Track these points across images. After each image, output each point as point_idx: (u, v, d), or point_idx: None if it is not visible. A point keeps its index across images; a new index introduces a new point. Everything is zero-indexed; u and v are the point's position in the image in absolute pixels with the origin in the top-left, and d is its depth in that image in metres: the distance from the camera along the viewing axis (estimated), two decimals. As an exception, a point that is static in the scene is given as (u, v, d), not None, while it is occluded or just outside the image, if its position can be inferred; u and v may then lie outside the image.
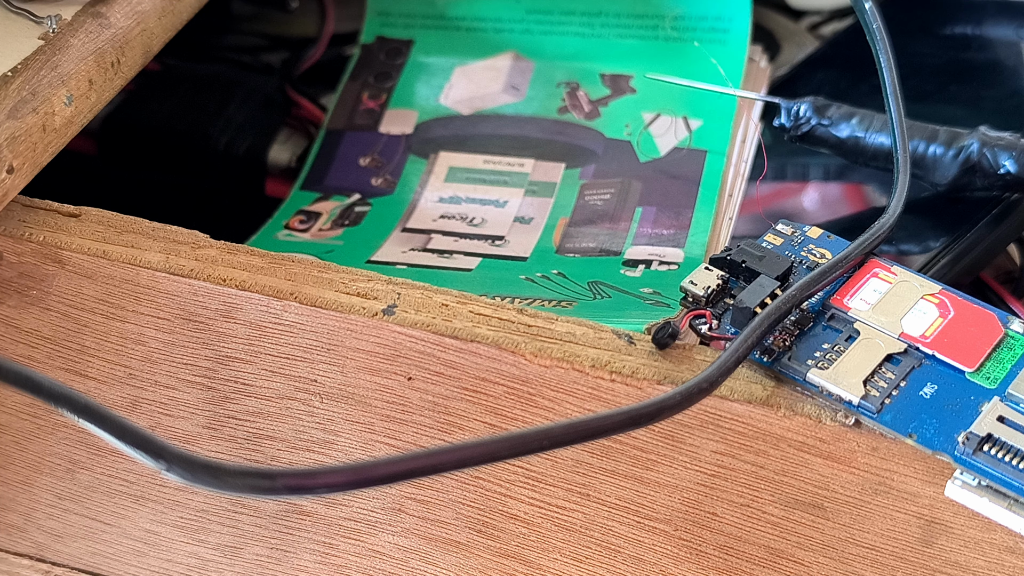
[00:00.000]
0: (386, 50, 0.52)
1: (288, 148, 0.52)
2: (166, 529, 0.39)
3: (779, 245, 0.34)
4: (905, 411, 0.30)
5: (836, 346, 0.31)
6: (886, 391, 0.30)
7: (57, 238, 0.34)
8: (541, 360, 0.32)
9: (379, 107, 0.50)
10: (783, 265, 0.33)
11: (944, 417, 0.30)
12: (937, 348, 0.31)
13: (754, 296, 0.32)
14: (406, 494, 0.35)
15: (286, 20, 0.60)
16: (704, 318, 0.32)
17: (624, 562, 0.35)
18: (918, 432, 0.29)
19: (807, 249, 0.34)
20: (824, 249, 0.34)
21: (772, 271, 0.33)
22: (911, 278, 0.33)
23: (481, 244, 0.43)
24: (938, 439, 0.29)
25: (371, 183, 0.47)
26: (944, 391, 0.30)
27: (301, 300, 0.33)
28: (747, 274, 0.33)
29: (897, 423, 0.30)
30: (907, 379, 0.31)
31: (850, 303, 0.32)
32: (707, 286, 0.33)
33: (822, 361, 0.31)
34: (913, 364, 0.31)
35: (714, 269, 0.33)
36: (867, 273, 0.33)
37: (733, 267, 0.33)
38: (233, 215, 0.46)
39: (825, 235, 0.34)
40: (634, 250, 0.42)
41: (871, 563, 0.32)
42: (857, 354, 0.31)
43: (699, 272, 0.33)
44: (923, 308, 0.32)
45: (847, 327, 0.32)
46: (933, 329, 0.31)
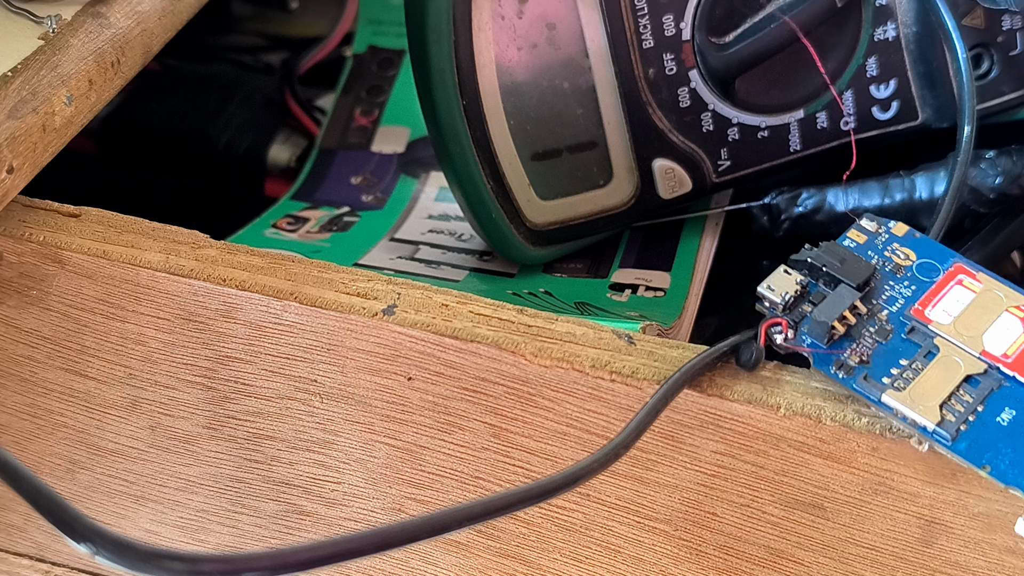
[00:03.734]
0: (378, 60, 0.52)
1: (288, 148, 0.52)
2: (166, 529, 0.39)
3: (862, 244, 0.32)
4: (981, 440, 0.28)
5: (914, 363, 0.30)
6: (962, 416, 0.29)
7: (57, 238, 0.34)
8: (541, 360, 0.32)
9: (371, 124, 0.50)
10: (865, 272, 0.31)
11: (1020, 447, 0.28)
12: (1019, 369, 0.30)
13: (832, 309, 0.30)
14: (406, 494, 0.35)
15: (286, 20, 0.60)
16: (780, 327, 0.31)
17: (624, 562, 0.35)
18: (992, 463, 0.28)
19: (891, 249, 0.32)
20: (908, 249, 0.32)
21: (853, 278, 0.31)
22: (996, 286, 0.31)
23: (469, 258, 0.43)
24: (1012, 472, 0.28)
25: (361, 200, 0.47)
26: (1022, 417, 0.29)
27: (301, 300, 0.33)
28: (827, 279, 0.31)
29: (972, 453, 0.28)
30: (984, 403, 0.29)
31: (932, 315, 0.31)
32: (785, 292, 0.31)
33: (899, 380, 0.29)
34: (992, 386, 0.29)
35: (793, 272, 0.31)
36: (952, 280, 0.31)
37: (813, 270, 0.31)
38: (233, 215, 0.46)
39: (911, 232, 0.33)
40: (620, 273, 0.42)
41: (871, 563, 0.32)
42: (935, 374, 0.29)
43: (777, 276, 0.31)
44: (1007, 323, 0.30)
45: (927, 341, 0.30)
46: (1016, 347, 0.30)
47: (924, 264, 0.32)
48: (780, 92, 0.40)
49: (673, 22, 0.38)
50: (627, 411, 0.32)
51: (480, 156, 0.39)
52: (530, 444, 0.33)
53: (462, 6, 0.37)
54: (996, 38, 0.39)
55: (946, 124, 0.40)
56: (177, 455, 0.37)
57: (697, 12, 0.39)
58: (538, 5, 0.38)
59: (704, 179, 0.41)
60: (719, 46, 0.39)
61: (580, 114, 0.40)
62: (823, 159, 0.41)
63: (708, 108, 0.40)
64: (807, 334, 0.30)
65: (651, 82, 0.39)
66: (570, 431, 0.33)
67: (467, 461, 0.34)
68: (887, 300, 0.31)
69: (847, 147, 0.41)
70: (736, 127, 0.40)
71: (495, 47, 0.38)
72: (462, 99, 0.38)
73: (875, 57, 0.39)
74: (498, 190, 0.40)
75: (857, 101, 0.40)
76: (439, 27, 0.37)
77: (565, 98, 0.39)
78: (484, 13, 0.38)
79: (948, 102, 0.40)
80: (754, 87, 0.40)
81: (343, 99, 0.51)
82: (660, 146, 0.40)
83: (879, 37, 0.39)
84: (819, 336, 0.30)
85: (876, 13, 0.39)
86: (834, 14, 0.39)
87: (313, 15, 0.60)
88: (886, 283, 0.32)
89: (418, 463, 0.35)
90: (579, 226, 0.41)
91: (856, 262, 0.31)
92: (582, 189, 0.41)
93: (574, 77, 0.39)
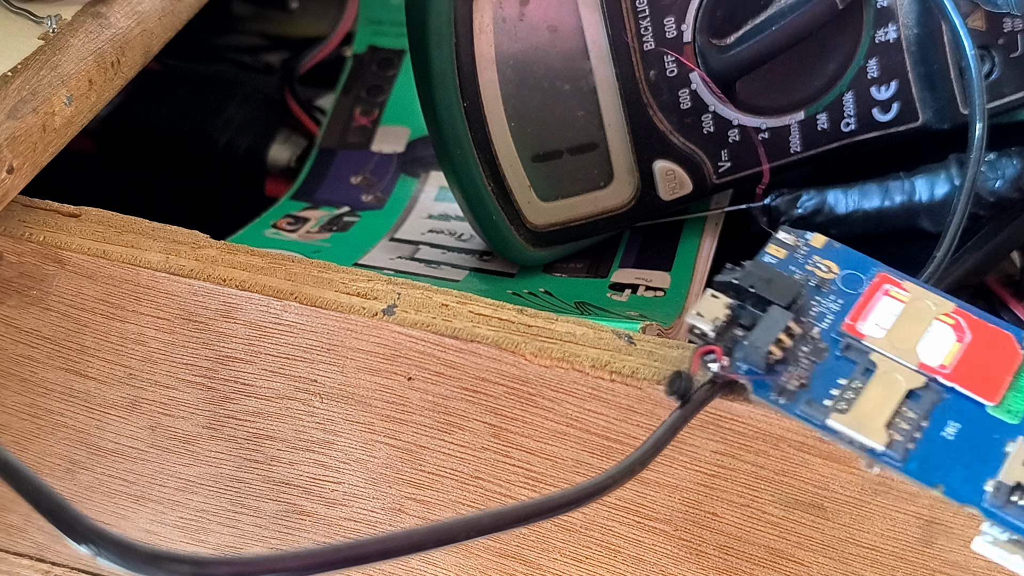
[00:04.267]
0: (378, 60, 0.52)
1: (288, 148, 0.52)
2: (166, 529, 0.39)
3: (783, 259, 0.32)
4: (930, 458, 0.28)
5: (853, 381, 0.29)
6: (909, 434, 0.28)
7: (57, 238, 0.34)
8: (541, 360, 0.32)
9: (371, 124, 0.50)
10: (792, 290, 0.30)
11: (969, 462, 0.28)
12: (957, 380, 0.29)
13: (767, 334, 0.29)
14: (406, 494, 0.35)
15: (286, 20, 0.60)
16: (714, 355, 0.29)
17: (624, 562, 0.35)
18: (944, 482, 0.27)
19: (812, 263, 0.32)
20: (830, 261, 0.32)
21: (782, 298, 0.30)
22: (924, 295, 0.31)
23: (469, 258, 0.43)
24: (965, 489, 0.27)
25: (361, 199, 0.47)
26: (967, 430, 0.28)
27: (301, 300, 0.33)
28: (754, 300, 0.30)
29: (923, 473, 0.28)
30: (928, 418, 0.28)
31: (864, 329, 0.30)
32: (715, 318, 0.30)
33: (840, 401, 0.29)
34: (934, 400, 0.29)
35: (720, 296, 0.30)
36: (877, 290, 0.31)
37: (740, 292, 0.30)
38: (233, 215, 0.46)
39: (830, 244, 0.32)
40: (620, 273, 0.42)
41: (871, 563, 0.32)
42: (876, 392, 0.29)
43: (705, 301, 0.30)
44: (939, 332, 0.30)
45: (863, 358, 0.29)
46: (951, 357, 0.29)
47: (848, 276, 0.31)
48: (781, 94, 0.40)
49: (674, 24, 0.39)
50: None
51: (481, 157, 0.39)
52: (530, 444, 0.33)
53: (463, 8, 0.37)
54: (997, 40, 0.39)
55: (946, 126, 0.40)
56: (177, 455, 0.37)
57: (698, 14, 0.39)
58: (539, 7, 0.38)
59: (704, 180, 0.41)
60: (720, 48, 0.39)
61: (581, 116, 0.40)
62: (824, 160, 0.41)
63: (709, 110, 0.40)
64: (743, 360, 0.29)
65: (652, 84, 0.39)
66: (570, 431, 0.33)
67: (467, 461, 0.34)
68: (816, 317, 0.30)
69: (848, 148, 0.41)
70: (737, 128, 0.40)
71: (496, 49, 0.38)
72: (463, 101, 0.38)
73: (876, 59, 0.40)
74: (498, 191, 0.40)
75: (858, 102, 0.40)
76: (440, 29, 0.37)
77: (566, 100, 0.39)
78: (485, 15, 0.38)
79: (949, 104, 0.40)
80: (755, 89, 0.40)
81: (343, 99, 0.51)
82: (661, 147, 0.40)
83: (880, 39, 0.39)
84: (756, 362, 0.29)
85: (877, 15, 0.39)
86: (835, 16, 0.39)
87: (313, 15, 0.60)
88: (813, 299, 0.31)
89: (418, 463, 0.35)
90: (579, 227, 0.41)
91: (782, 280, 0.30)
92: (583, 190, 0.41)
93: (575, 79, 0.39)
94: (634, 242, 0.43)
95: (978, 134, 0.36)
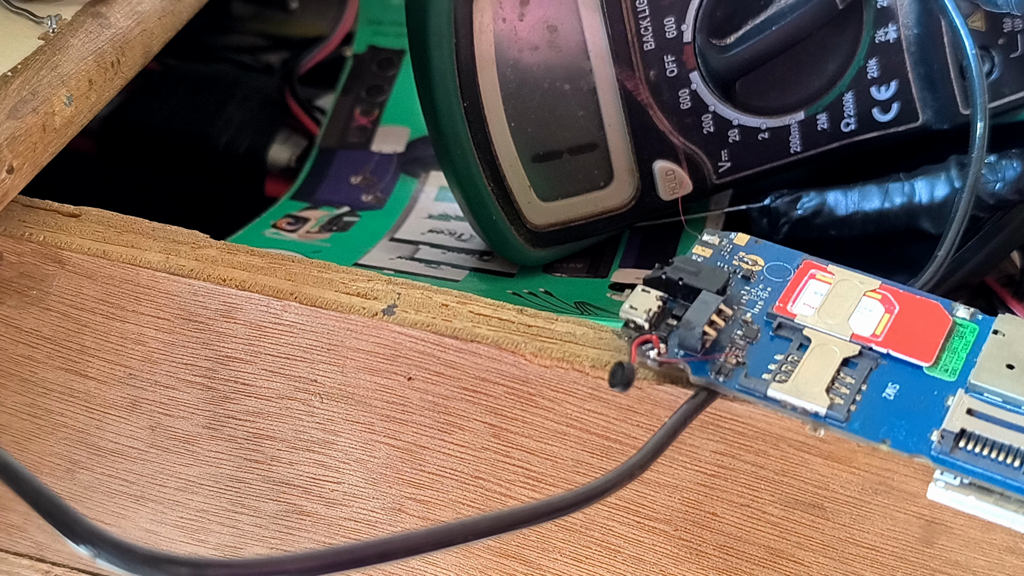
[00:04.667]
0: (378, 61, 0.52)
1: (288, 148, 0.52)
2: (166, 529, 0.39)
3: (709, 257, 0.33)
4: (873, 416, 0.29)
5: (789, 356, 0.30)
6: (849, 397, 0.29)
7: (57, 238, 0.34)
8: (541, 360, 0.32)
9: (371, 123, 0.50)
10: (721, 278, 0.31)
11: (913, 417, 0.29)
12: (891, 346, 0.30)
13: (700, 314, 0.30)
14: (406, 494, 0.35)
15: (286, 20, 0.60)
16: (651, 343, 0.30)
17: (624, 562, 0.35)
18: (891, 436, 0.29)
19: (738, 258, 0.33)
20: (756, 256, 0.33)
21: (711, 285, 0.31)
22: (850, 276, 0.32)
23: (469, 258, 0.43)
24: (912, 441, 0.29)
25: (361, 199, 0.47)
26: (907, 390, 0.30)
27: (301, 300, 0.33)
28: (684, 291, 0.31)
29: (867, 430, 0.29)
30: (867, 382, 0.30)
31: (794, 309, 0.31)
32: (648, 309, 0.31)
33: (779, 374, 0.30)
34: (870, 365, 0.30)
35: (651, 290, 0.31)
36: (805, 275, 0.32)
37: (670, 286, 0.31)
38: (233, 215, 0.46)
39: (752, 240, 0.33)
40: (620, 273, 0.42)
41: (871, 563, 0.32)
42: (813, 362, 0.30)
43: (636, 295, 0.31)
44: (868, 306, 0.31)
45: (796, 335, 0.31)
46: (883, 326, 0.31)
47: (773, 266, 0.33)
48: (781, 94, 0.40)
49: (674, 24, 0.38)
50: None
51: (481, 158, 0.39)
52: (530, 444, 0.33)
53: (463, 9, 0.37)
54: (997, 40, 0.39)
55: (946, 126, 0.40)
56: (177, 455, 0.37)
57: (698, 14, 0.39)
58: (539, 7, 0.38)
59: (704, 180, 0.41)
60: (720, 48, 0.39)
61: (581, 116, 0.40)
62: (823, 160, 0.41)
63: (709, 110, 0.40)
64: (679, 346, 0.30)
65: (652, 84, 0.39)
66: (570, 431, 0.33)
67: (467, 461, 0.34)
68: (747, 304, 0.32)
69: (848, 148, 0.41)
70: (736, 129, 0.40)
71: (496, 49, 0.38)
72: (463, 101, 0.38)
73: (876, 59, 0.40)
74: (499, 192, 0.40)
75: (858, 103, 0.40)
76: (440, 29, 0.37)
77: (566, 100, 0.39)
78: (485, 15, 0.38)
79: (949, 104, 0.40)
80: (755, 89, 0.40)
81: (343, 99, 0.51)
82: (661, 147, 0.40)
83: (880, 39, 0.39)
84: (691, 345, 0.30)
85: (877, 15, 0.39)
86: (835, 16, 0.39)
87: (313, 15, 0.60)
88: (741, 289, 0.32)
89: (418, 463, 0.35)
90: (579, 227, 0.41)
91: (711, 271, 0.31)
92: (583, 190, 0.41)
93: (575, 79, 0.39)
94: (634, 242, 0.43)
95: (979, 132, 0.36)
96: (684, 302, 0.31)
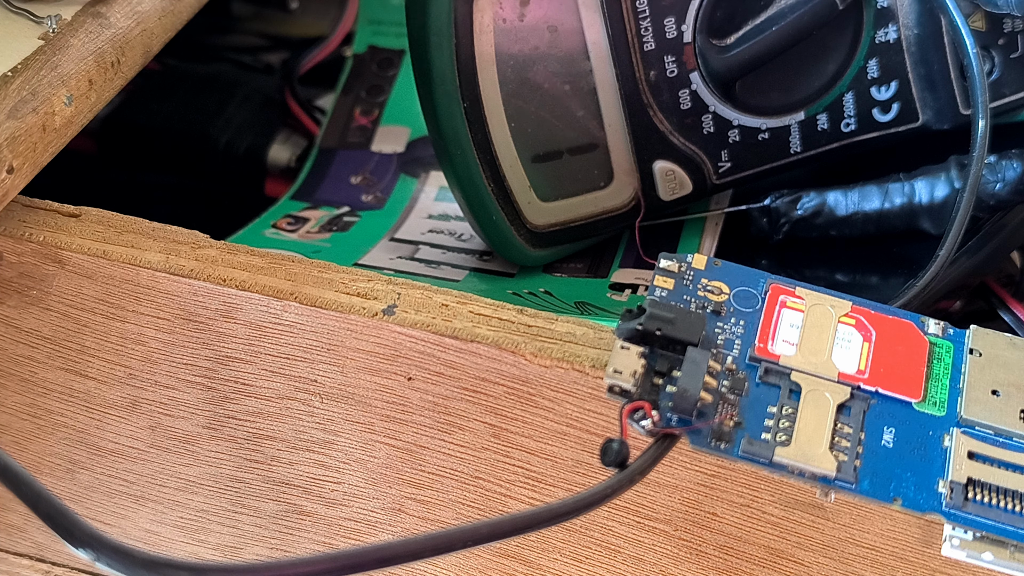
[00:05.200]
0: (378, 61, 0.52)
1: (288, 148, 0.52)
2: (166, 529, 0.39)
3: (673, 290, 0.31)
4: (879, 472, 0.28)
5: (783, 407, 0.29)
6: (852, 451, 0.28)
7: (57, 238, 0.34)
8: (541, 360, 0.32)
9: (371, 123, 0.50)
10: (699, 325, 0.29)
11: (915, 466, 0.28)
12: (878, 383, 0.29)
13: (693, 378, 0.28)
14: (406, 494, 0.35)
15: (286, 20, 0.60)
16: (643, 411, 0.28)
17: (624, 562, 0.35)
18: (900, 494, 0.28)
19: (702, 287, 0.31)
20: (718, 282, 0.31)
21: (691, 334, 0.29)
22: (820, 299, 0.31)
23: (469, 258, 0.43)
24: (922, 497, 0.28)
25: (361, 199, 0.47)
26: (902, 433, 0.29)
27: (301, 300, 0.33)
28: (663, 342, 0.29)
29: (876, 490, 0.28)
30: (864, 429, 0.29)
31: (775, 349, 0.30)
32: (633, 371, 0.28)
33: (779, 432, 0.28)
34: (863, 408, 0.29)
35: (630, 346, 0.29)
36: (775, 305, 0.31)
37: (647, 338, 0.29)
38: (233, 215, 0.46)
39: (711, 262, 0.31)
40: (620, 273, 0.42)
41: (871, 563, 0.32)
42: (809, 414, 0.29)
43: (618, 355, 0.29)
44: (846, 336, 0.30)
45: (784, 380, 0.29)
46: (865, 360, 0.30)
47: (739, 292, 0.31)
48: (781, 94, 0.40)
49: (674, 24, 0.38)
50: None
51: (481, 158, 0.39)
52: (530, 444, 0.33)
53: (463, 9, 0.37)
54: (997, 41, 0.39)
55: (946, 126, 0.40)
56: (177, 455, 0.37)
57: (698, 14, 0.39)
58: (539, 8, 0.38)
59: (704, 181, 0.41)
60: (720, 48, 0.39)
61: (581, 116, 0.40)
62: (824, 161, 0.41)
63: (709, 110, 0.40)
64: (673, 411, 0.28)
65: (652, 84, 0.39)
66: (570, 431, 0.33)
67: (467, 461, 0.34)
68: (725, 345, 0.30)
69: (848, 149, 0.41)
70: (737, 129, 0.40)
71: (496, 49, 0.38)
72: (463, 101, 0.38)
73: (876, 59, 0.40)
74: (499, 192, 0.40)
75: (858, 103, 0.40)
76: (440, 30, 0.37)
77: (566, 100, 0.39)
78: (485, 16, 0.38)
79: (949, 104, 0.40)
80: (755, 89, 0.40)
81: (343, 99, 0.51)
82: (661, 148, 0.40)
83: (880, 39, 0.39)
84: (686, 410, 0.28)
85: (877, 15, 0.39)
86: (835, 16, 0.39)
87: (313, 15, 0.60)
88: (714, 327, 0.30)
89: (418, 463, 0.35)
90: (580, 227, 0.41)
91: (685, 316, 0.29)
92: (583, 191, 0.41)
93: (575, 79, 0.39)
94: (634, 242, 0.43)
95: (980, 132, 0.36)
96: (665, 352, 0.29)
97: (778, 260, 0.43)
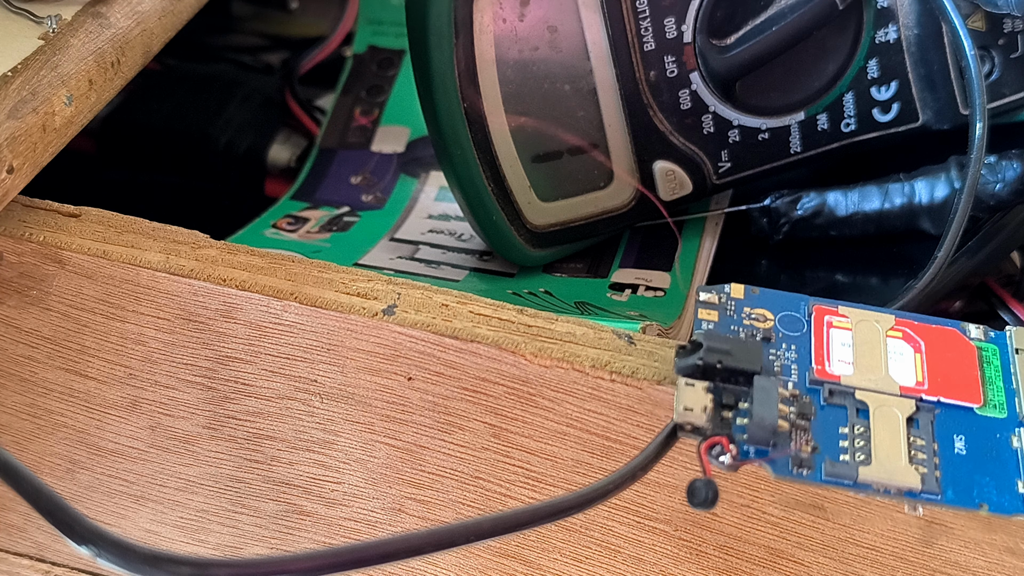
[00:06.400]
0: (378, 60, 0.52)
1: (288, 148, 0.52)
2: (166, 529, 0.39)
3: (719, 322, 0.31)
4: (959, 481, 0.28)
5: (855, 427, 0.29)
6: (930, 463, 0.28)
7: (57, 238, 0.34)
8: (541, 360, 0.32)
9: (371, 124, 0.50)
10: (756, 351, 0.29)
11: (992, 470, 0.28)
12: (939, 392, 0.29)
13: (768, 407, 0.28)
14: (406, 494, 0.35)
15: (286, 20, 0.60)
16: (721, 446, 0.28)
17: (624, 562, 0.35)
18: (985, 500, 0.28)
19: (746, 315, 0.31)
20: (761, 309, 0.31)
21: (752, 363, 0.29)
22: (865, 316, 0.31)
23: (469, 258, 0.43)
24: (1005, 500, 0.28)
25: (361, 199, 0.47)
26: (972, 439, 0.29)
27: (301, 300, 0.33)
28: (724, 375, 0.29)
29: (961, 498, 0.28)
30: (936, 439, 0.29)
31: (834, 370, 0.29)
32: (703, 407, 0.28)
33: (858, 452, 0.28)
34: (930, 419, 0.29)
35: (696, 383, 0.29)
36: (823, 326, 0.30)
37: (709, 372, 0.29)
38: (233, 215, 0.46)
39: (748, 290, 0.31)
40: (620, 273, 0.42)
41: (871, 563, 0.32)
42: (881, 431, 0.28)
43: (684, 392, 0.28)
44: (897, 349, 0.30)
45: (849, 400, 0.29)
46: (921, 371, 0.30)
47: (784, 318, 0.31)
48: (781, 94, 0.40)
49: (674, 24, 0.39)
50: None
51: (481, 158, 0.39)
52: (530, 444, 0.33)
53: (463, 9, 0.37)
54: (997, 41, 0.39)
55: (946, 126, 0.40)
56: (177, 455, 0.37)
57: (698, 15, 0.39)
58: (539, 8, 0.38)
59: (704, 181, 0.41)
60: (720, 48, 0.39)
61: (581, 116, 0.40)
62: (824, 161, 0.41)
63: (709, 110, 0.40)
64: (746, 443, 0.28)
65: (652, 84, 0.39)
66: (570, 431, 0.33)
67: (467, 461, 0.34)
68: (783, 371, 0.30)
69: (848, 149, 0.41)
70: (737, 129, 0.40)
71: (496, 50, 0.38)
72: (463, 102, 0.38)
73: (876, 59, 0.40)
74: (499, 192, 0.40)
75: (858, 103, 0.40)
76: (440, 30, 0.37)
77: (566, 100, 0.39)
78: (485, 16, 0.38)
79: (949, 104, 0.40)
80: (755, 89, 0.40)
81: (343, 99, 0.51)
82: (661, 148, 0.40)
83: (880, 39, 0.39)
84: (763, 440, 0.28)
85: (877, 15, 0.39)
86: (835, 16, 0.39)
87: (313, 15, 0.60)
88: (767, 354, 0.30)
89: (418, 463, 0.35)
90: (580, 228, 0.41)
91: (741, 346, 0.29)
92: (583, 191, 0.41)
93: (575, 79, 0.39)
94: (634, 242, 0.43)
95: (979, 133, 0.36)
96: (727, 385, 0.29)
97: (778, 260, 0.43)
